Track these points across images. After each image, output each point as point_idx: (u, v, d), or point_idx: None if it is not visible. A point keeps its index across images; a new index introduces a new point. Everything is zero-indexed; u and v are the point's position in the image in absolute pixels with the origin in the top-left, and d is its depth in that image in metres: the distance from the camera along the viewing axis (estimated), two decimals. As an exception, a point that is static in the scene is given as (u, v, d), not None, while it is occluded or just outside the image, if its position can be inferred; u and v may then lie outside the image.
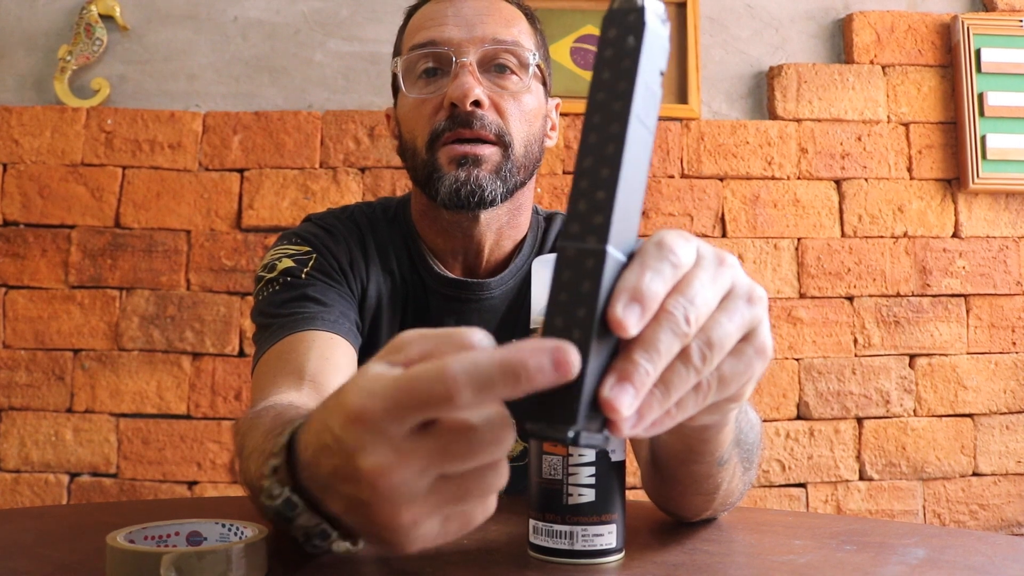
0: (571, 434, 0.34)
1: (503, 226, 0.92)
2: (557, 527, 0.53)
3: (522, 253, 0.95)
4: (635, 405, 0.36)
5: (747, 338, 0.41)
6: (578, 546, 0.53)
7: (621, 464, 0.55)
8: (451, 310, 0.92)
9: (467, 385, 0.32)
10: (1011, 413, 1.83)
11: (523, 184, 0.90)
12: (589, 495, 0.53)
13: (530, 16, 0.94)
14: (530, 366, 0.32)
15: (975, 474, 1.81)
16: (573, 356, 0.33)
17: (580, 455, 0.53)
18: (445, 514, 0.38)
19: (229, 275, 1.74)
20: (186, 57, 1.83)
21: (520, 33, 0.89)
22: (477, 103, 0.84)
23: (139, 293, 1.73)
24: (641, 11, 0.36)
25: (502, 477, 0.38)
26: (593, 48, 1.85)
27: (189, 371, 1.71)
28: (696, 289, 0.38)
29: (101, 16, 1.78)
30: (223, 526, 0.53)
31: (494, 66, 0.87)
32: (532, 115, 0.90)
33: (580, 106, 1.81)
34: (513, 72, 0.88)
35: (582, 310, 0.35)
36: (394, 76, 0.92)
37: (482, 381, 0.32)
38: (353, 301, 0.89)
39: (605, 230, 0.35)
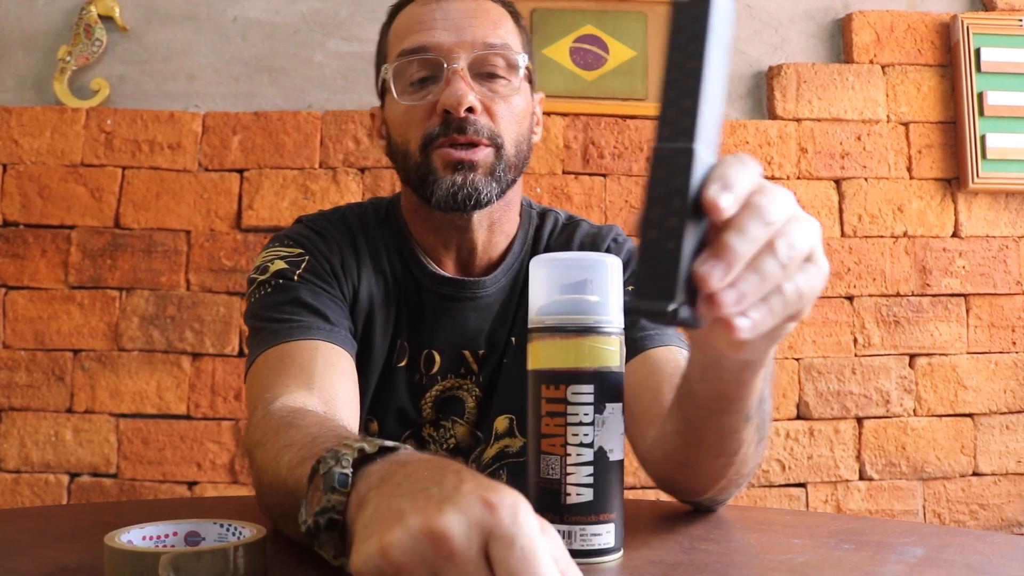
0: (670, 308, 0.39)
1: (495, 222, 0.93)
2: (555, 527, 0.53)
3: (513, 251, 0.95)
4: (726, 280, 0.41)
5: (810, 258, 0.46)
6: (576, 545, 0.53)
7: (619, 463, 0.55)
8: (445, 309, 0.92)
9: None
10: (1011, 413, 1.83)
11: (514, 181, 0.91)
12: (587, 494, 0.53)
13: (515, 14, 0.94)
14: None
15: (975, 474, 1.81)
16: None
17: (578, 455, 0.53)
18: None
19: (229, 275, 1.74)
20: (185, 57, 1.83)
21: (508, 34, 0.89)
22: (471, 109, 0.84)
23: (139, 293, 1.73)
24: None
25: None
26: (592, 48, 1.86)
27: (189, 371, 1.71)
28: (772, 195, 0.44)
29: (100, 16, 1.78)
30: (221, 526, 0.53)
31: (485, 71, 0.87)
32: (522, 115, 0.90)
33: (580, 105, 1.83)
34: (503, 76, 0.88)
35: (676, 200, 0.40)
36: (384, 81, 0.91)
37: None
38: (345, 305, 0.89)
39: (692, 131, 0.40)
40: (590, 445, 0.53)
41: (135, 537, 0.50)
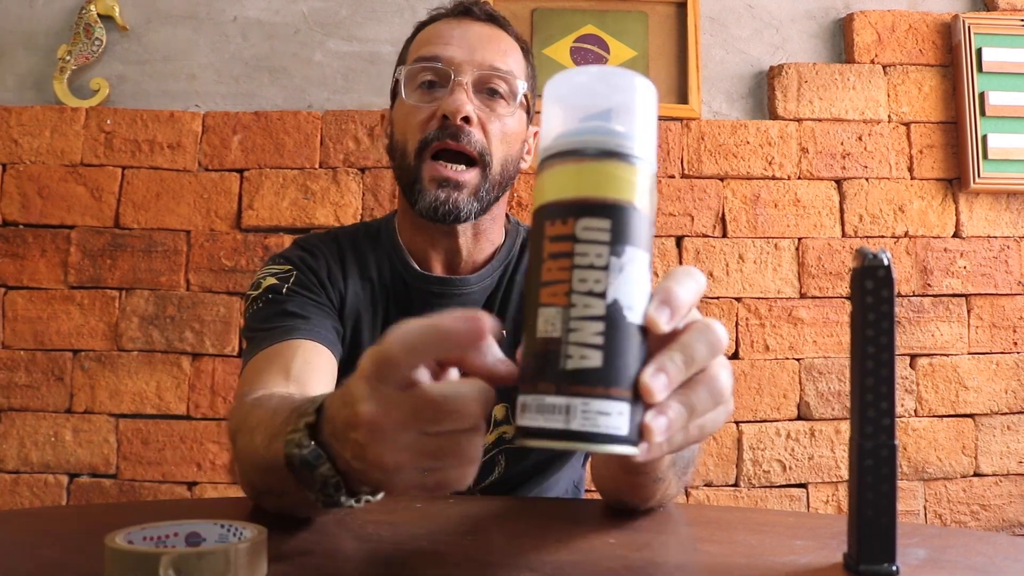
0: (894, 568, 0.51)
1: (480, 232, 1.01)
2: (550, 399, 0.40)
3: (499, 256, 1.03)
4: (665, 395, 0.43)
5: (724, 399, 0.49)
6: (575, 425, 0.39)
7: (641, 329, 0.41)
8: (434, 305, 1.00)
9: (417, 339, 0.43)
10: (1012, 413, 1.83)
11: (497, 199, 0.99)
12: (594, 358, 0.40)
13: (526, 50, 1.03)
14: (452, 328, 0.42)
15: (976, 474, 1.81)
16: (487, 322, 0.41)
17: (585, 307, 0.40)
18: (424, 467, 0.45)
19: (229, 275, 1.74)
20: (186, 57, 1.82)
21: (514, 63, 0.99)
22: (467, 119, 0.93)
23: (138, 293, 1.73)
24: (889, 268, 0.49)
25: (475, 449, 0.44)
26: (593, 48, 1.86)
27: (189, 371, 1.71)
28: (714, 329, 0.47)
29: (100, 16, 1.77)
30: (222, 527, 0.52)
31: (487, 89, 0.96)
32: (513, 137, 0.98)
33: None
34: (502, 97, 0.97)
35: (885, 486, 0.51)
36: (396, 82, 1.00)
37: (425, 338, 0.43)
38: (332, 310, 0.96)
39: (893, 430, 0.51)
40: (601, 295, 0.40)
41: (136, 538, 0.50)
